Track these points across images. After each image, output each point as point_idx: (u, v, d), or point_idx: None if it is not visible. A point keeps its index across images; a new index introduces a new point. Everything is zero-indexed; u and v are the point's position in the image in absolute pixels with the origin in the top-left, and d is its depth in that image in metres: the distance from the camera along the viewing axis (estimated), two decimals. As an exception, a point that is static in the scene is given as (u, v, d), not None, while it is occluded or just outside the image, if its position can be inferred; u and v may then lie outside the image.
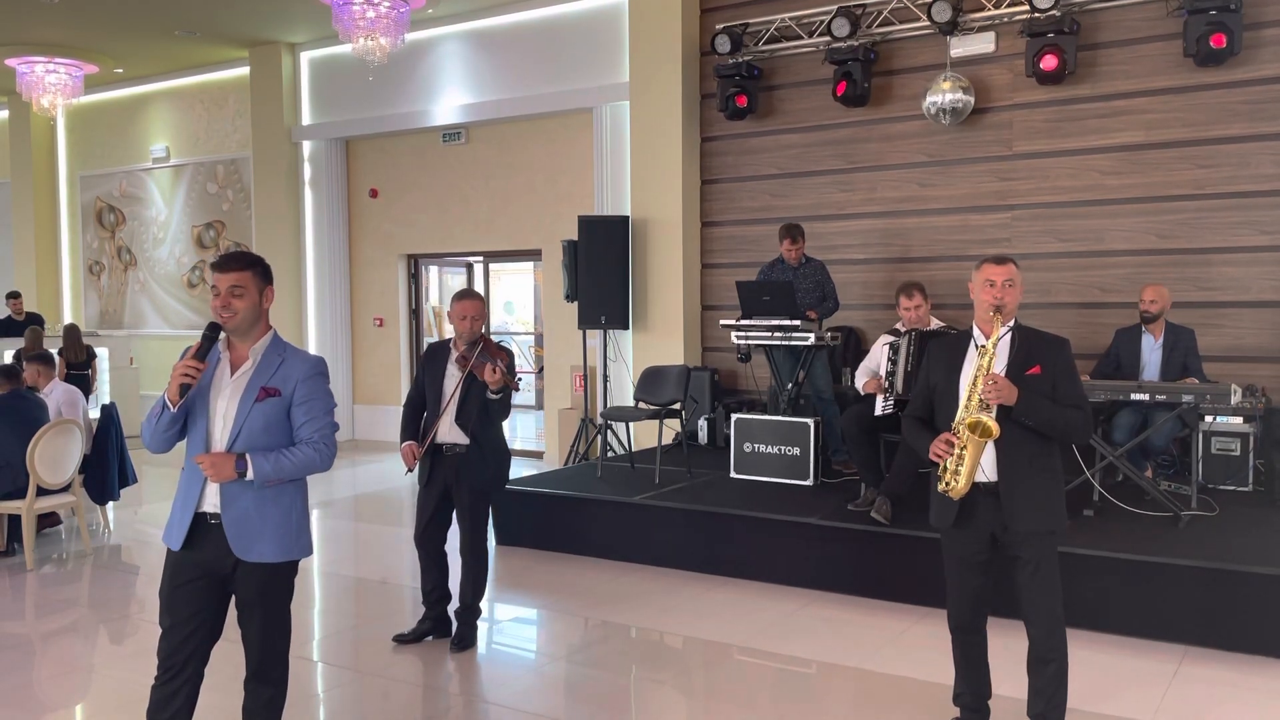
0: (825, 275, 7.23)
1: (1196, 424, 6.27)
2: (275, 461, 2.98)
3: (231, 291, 2.99)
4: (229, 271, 3.01)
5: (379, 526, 7.58)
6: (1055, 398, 3.39)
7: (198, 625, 3.03)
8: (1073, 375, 3.45)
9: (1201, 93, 7.02)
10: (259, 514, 3.00)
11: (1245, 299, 6.95)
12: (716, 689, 4.41)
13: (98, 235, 13.48)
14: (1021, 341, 3.46)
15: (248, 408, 2.99)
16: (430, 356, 4.79)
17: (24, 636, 5.16)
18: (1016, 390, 3.34)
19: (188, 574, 3.01)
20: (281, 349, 3.10)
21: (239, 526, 2.98)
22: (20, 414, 6.51)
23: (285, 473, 3.00)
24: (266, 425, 3.01)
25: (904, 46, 8.01)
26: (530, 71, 9.77)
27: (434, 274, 12.01)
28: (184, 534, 2.99)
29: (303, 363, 3.11)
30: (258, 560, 3.00)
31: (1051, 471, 3.47)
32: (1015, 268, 3.50)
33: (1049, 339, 3.50)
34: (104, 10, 9.89)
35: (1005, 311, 3.43)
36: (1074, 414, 3.40)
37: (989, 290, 3.45)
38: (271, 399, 3.01)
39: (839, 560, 5.62)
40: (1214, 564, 4.69)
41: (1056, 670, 3.48)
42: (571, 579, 5.96)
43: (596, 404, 9.17)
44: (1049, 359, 3.43)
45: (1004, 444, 3.40)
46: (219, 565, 3.01)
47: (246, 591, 3.04)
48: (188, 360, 2.94)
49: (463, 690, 4.40)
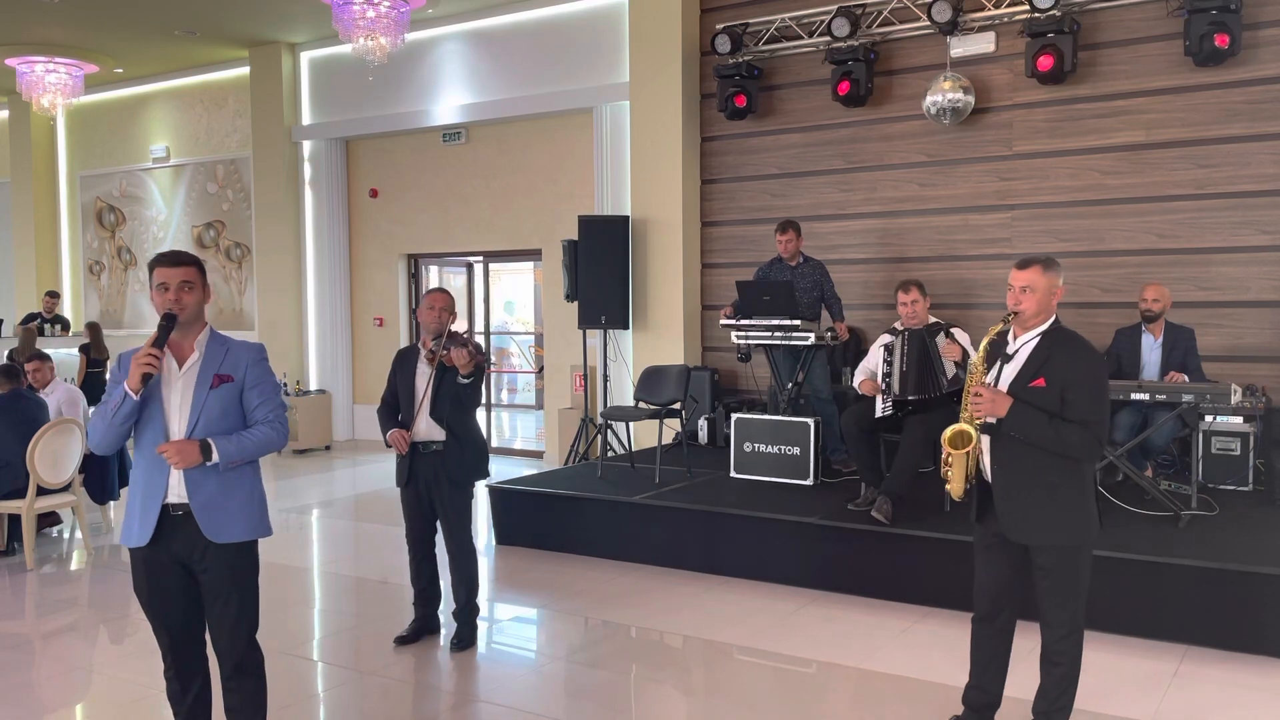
0: (824, 275, 7.21)
1: (1196, 424, 6.27)
2: (238, 442, 3.08)
3: (182, 286, 3.08)
4: (180, 266, 3.10)
5: (379, 526, 7.58)
6: (1063, 412, 3.27)
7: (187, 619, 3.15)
8: (1086, 389, 3.27)
9: (1201, 93, 7.02)
10: (225, 496, 3.09)
11: (1245, 299, 6.95)
12: (716, 689, 4.41)
13: (98, 235, 13.48)
14: (1044, 350, 3.34)
15: (204, 395, 3.08)
16: (400, 360, 4.84)
17: (24, 636, 5.16)
18: (1008, 403, 3.29)
19: (160, 568, 3.09)
20: (222, 340, 3.20)
21: (209, 511, 3.06)
22: (20, 414, 6.51)
23: (247, 453, 3.10)
24: (224, 410, 3.10)
25: (904, 46, 8.01)
26: (530, 71, 9.77)
27: (434, 274, 12.01)
28: (151, 528, 3.04)
29: (248, 349, 3.22)
30: (229, 540, 3.08)
31: (1057, 485, 3.33)
32: (1040, 270, 3.38)
33: (1072, 350, 3.33)
34: (104, 10, 9.89)
35: (1022, 318, 3.38)
36: (1071, 431, 3.25)
37: (1009, 295, 3.43)
38: (225, 384, 3.11)
39: (839, 560, 5.62)
40: (1214, 564, 4.69)
41: (1064, 674, 3.46)
42: (571, 579, 5.96)
43: (596, 404, 9.17)
44: (1060, 371, 3.29)
45: (999, 455, 3.39)
46: (187, 554, 3.08)
47: (219, 577, 3.10)
48: (147, 349, 3.00)
49: (463, 690, 4.40)
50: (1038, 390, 3.30)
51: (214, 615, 3.14)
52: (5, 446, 6.38)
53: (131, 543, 3.09)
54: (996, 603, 3.55)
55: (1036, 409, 3.29)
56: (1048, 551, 3.38)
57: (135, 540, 3.08)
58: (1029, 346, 3.39)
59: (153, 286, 3.14)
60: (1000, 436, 3.37)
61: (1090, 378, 3.31)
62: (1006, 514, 3.39)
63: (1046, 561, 3.39)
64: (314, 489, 9.16)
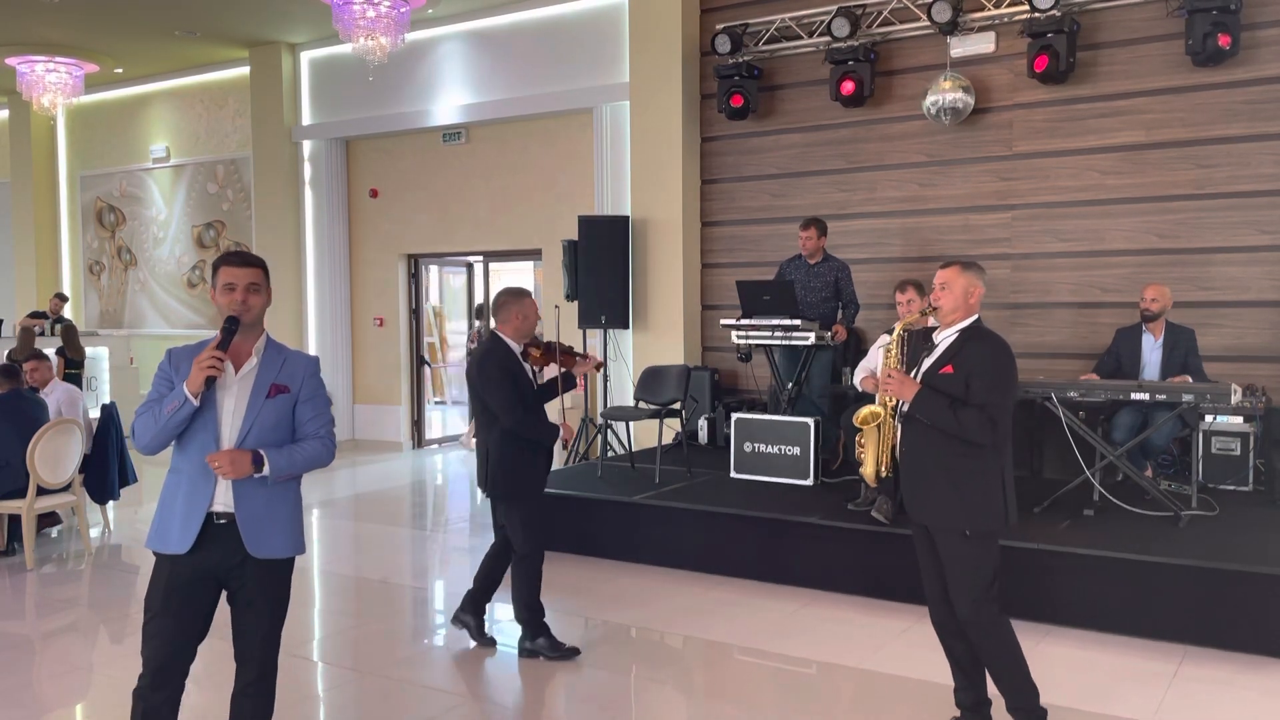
0: (845, 276, 7.21)
1: (1197, 424, 6.28)
2: (289, 456, 2.98)
3: (250, 288, 2.99)
4: (248, 267, 3.01)
5: (379, 526, 7.58)
6: (966, 398, 3.42)
7: (201, 628, 3.01)
8: (987, 375, 3.42)
9: (1201, 93, 7.02)
10: (270, 510, 2.99)
11: (1245, 299, 6.95)
12: (716, 689, 4.41)
13: (98, 235, 13.48)
14: (959, 344, 3.53)
15: (259, 404, 2.98)
16: (510, 364, 4.59)
17: (24, 636, 5.16)
18: (915, 388, 3.50)
19: (188, 576, 2.95)
20: (279, 348, 3.11)
21: (253, 524, 2.95)
22: (20, 413, 6.51)
23: (297, 467, 3.00)
24: (277, 421, 3.00)
25: (904, 46, 8.01)
26: (530, 71, 9.77)
27: (434, 274, 12.02)
28: (194, 536, 2.92)
29: (305, 360, 3.14)
30: (269, 556, 2.98)
31: (959, 471, 3.46)
32: (957, 270, 3.58)
33: (982, 344, 3.51)
34: (104, 10, 9.89)
35: (940, 314, 3.60)
36: (967, 413, 3.39)
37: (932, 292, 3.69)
38: (282, 395, 3.02)
39: (839, 560, 5.62)
40: (1214, 564, 4.69)
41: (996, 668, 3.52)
42: (571, 579, 5.96)
43: (596, 404, 9.17)
44: (967, 359, 3.47)
45: (907, 438, 3.60)
46: (223, 565, 2.97)
47: (254, 590, 3.01)
48: (211, 351, 2.88)
49: (463, 690, 4.40)
50: (945, 376, 3.49)
51: (246, 623, 3.04)
52: (5, 446, 6.37)
53: (168, 549, 2.95)
54: (940, 600, 3.60)
55: (940, 393, 3.46)
56: (946, 535, 3.49)
57: (173, 546, 2.93)
58: (948, 340, 3.58)
59: (217, 285, 3.02)
60: (910, 421, 3.57)
61: (994, 367, 3.46)
62: (909, 495, 3.60)
63: (945, 546, 3.50)
64: (314, 489, 9.16)
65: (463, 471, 10.03)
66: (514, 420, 4.49)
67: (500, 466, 4.54)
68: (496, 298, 4.69)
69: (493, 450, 4.55)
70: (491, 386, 4.50)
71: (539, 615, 4.70)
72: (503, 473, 4.55)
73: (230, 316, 2.97)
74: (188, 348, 3.02)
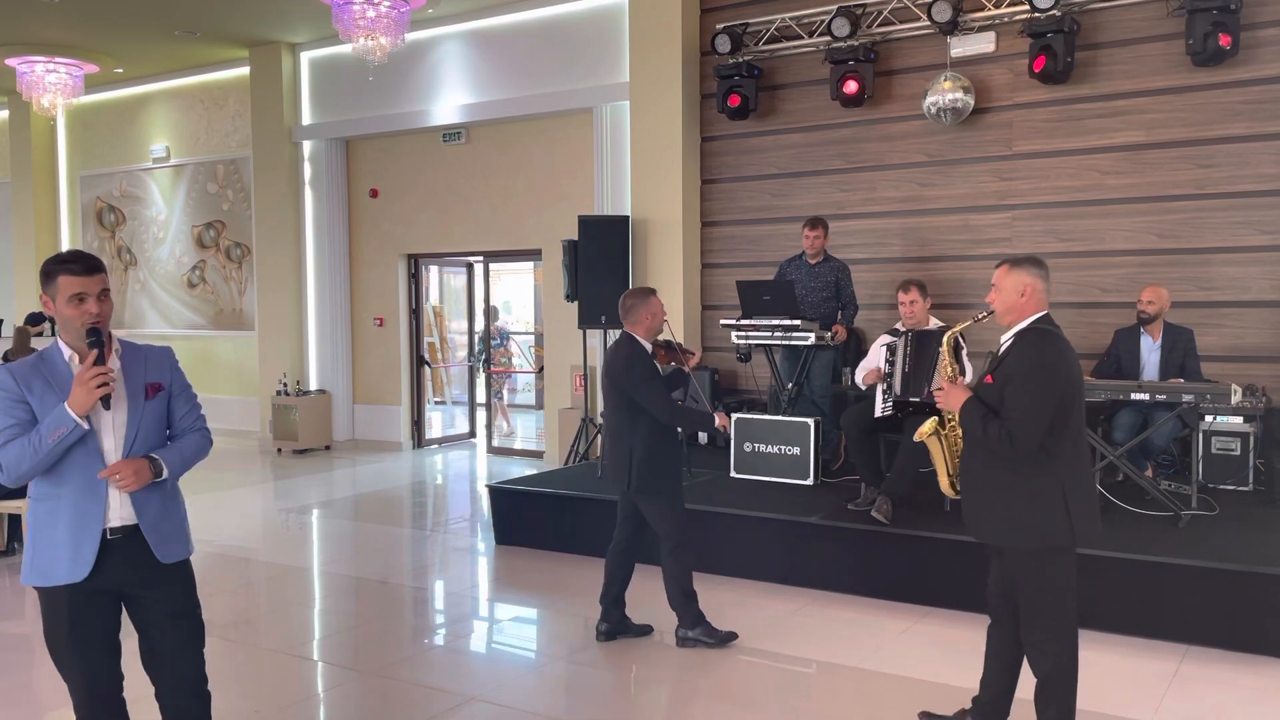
0: (844, 277, 7.22)
1: (1196, 424, 6.28)
2: (179, 455, 2.89)
3: (102, 294, 2.79)
4: (96, 274, 2.78)
5: (379, 526, 7.59)
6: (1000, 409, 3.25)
7: (117, 647, 2.86)
8: (1020, 384, 3.22)
9: (1201, 93, 7.02)
10: (167, 514, 2.90)
11: (1245, 299, 6.95)
12: (716, 689, 4.41)
13: (98, 235, 13.48)
14: (1010, 349, 3.35)
15: (139, 408, 2.85)
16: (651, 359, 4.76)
17: (24, 636, 5.16)
18: (962, 398, 3.35)
19: (91, 604, 2.79)
20: (133, 345, 2.95)
21: (158, 531, 2.86)
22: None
23: (188, 465, 2.92)
24: (157, 421, 2.89)
25: (904, 46, 8.01)
26: (530, 71, 9.77)
27: (434, 274, 12.02)
28: (91, 559, 2.75)
29: (164, 354, 3.00)
30: (175, 560, 2.90)
31: (1011, 484, 3.27)
32: (1005, 270, 3.40)
33: (1024, 350, 3.30)
34: (104, 10, 9.89)
35: (996, 317, 3.45)
36: (994, 425, 3.21)
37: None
38: (159, 394, 2.90)
39: (839, 560, 5.62)
40: (1214, 564, 4.69)
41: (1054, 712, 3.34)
42: (571, 579, 5.96)
43: (596, 404, 9.17)
44: (1007, 366, 3.30)
45: (966, 451, 3.47)
46: (126, 581, 2.84)
47: (169, 600, 2.89)
48: (96, 369, 2.68)
49: (463, 690, 4.40)
50: (986, 386, 3.35)
51: (173, 637, 2.90)
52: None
53: (59, 579, 2.75)
54: (999, 605, 3.53)
55: (980, 403, 3.31)
56: (1011, 555, 3.33)
57: (66, 576, 2.75)
58: (1005, 345, 3.42)
59: (57, 296, 2.75)
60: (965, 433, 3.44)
61: (1025, 377, 3.23)
62: (965, 510, 3.46)
63: (1011, 566, 3.34)
64: (314, 489, 9.17)
65: (463, 471, 10.04)
66: (671, 415, 4.65)
67: (647, 464, 4.67)
68: (624, 300, 4.77)
69: (638, 448, 4.66)
70: (646, 387, 4.62)
71: (694, 602, 4.80)
72: (649, 469, 4.67)
73: (92, 328, 2.75)
74: (25, 363, 2.80)
